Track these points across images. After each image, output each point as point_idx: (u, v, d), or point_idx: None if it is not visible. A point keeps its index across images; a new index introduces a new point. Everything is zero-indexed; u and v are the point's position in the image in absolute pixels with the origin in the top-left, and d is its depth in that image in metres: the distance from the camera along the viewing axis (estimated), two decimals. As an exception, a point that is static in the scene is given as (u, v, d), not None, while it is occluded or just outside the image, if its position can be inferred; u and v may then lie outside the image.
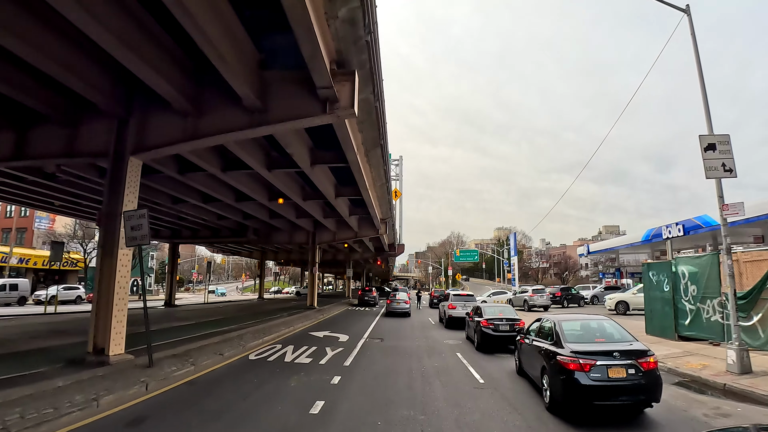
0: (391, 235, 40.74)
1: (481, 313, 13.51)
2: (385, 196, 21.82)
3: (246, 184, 16.85)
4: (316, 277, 28.99)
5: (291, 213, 23.36)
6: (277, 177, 15.47)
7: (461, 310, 18.97)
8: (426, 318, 24.97)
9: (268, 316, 21.70)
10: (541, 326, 8.25)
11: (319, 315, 23.84)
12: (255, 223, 27.20)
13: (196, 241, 32.22)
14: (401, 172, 49.31)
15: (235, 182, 15.98)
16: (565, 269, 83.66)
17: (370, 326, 19.32)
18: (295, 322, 19.40)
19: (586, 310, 29.08)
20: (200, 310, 28.42)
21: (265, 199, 19.11)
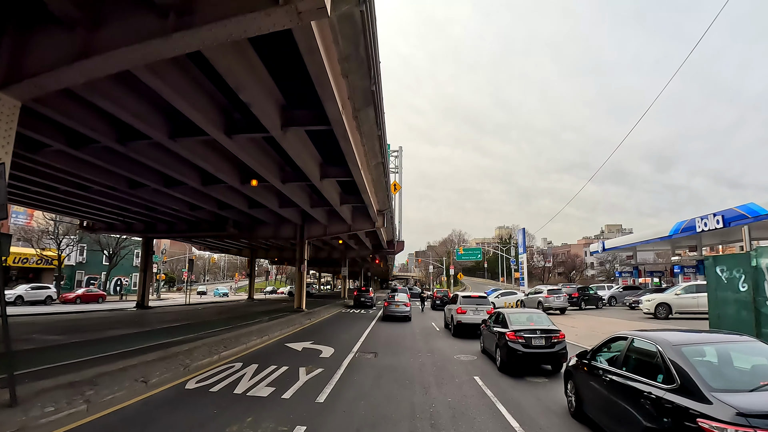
0: (389, 230, 37.44)
1: (505, 321, 10.26)
2: (382, 181, 18.58)
3: (208, 159, 13.59)
4: (305, 276, 25.76)
5: (273, 201, 20.09)
6: (244, 148, 12.21)
7: (473, 316, 15.74)
8: (428, 323, 21.71)
9: (244, 321, 18.44)
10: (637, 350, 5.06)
11: (305, 319, 20.59)
12: (233, 214, 23.94)
13: (172, 236, 29.00)
14: (400, 164, 46.10)
15: (190, 154, 12.72)
16: (572, 268, 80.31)
17: (363, 334, 16.07)
18: (272, 329, 16.15)
19: (609, 313, 25.83)
20: (173, 312, 25.16)
21: (237, 181, 15.84)
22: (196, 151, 12.64)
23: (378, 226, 25.04)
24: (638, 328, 6.55)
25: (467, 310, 15.79)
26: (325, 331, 17.29)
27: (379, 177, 17.44)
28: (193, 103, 9.59)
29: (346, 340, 14.52)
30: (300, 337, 15.01)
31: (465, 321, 15.63)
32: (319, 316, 23.21)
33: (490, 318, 12.02)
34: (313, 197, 20.71)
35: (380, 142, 13.32)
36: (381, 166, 16.12)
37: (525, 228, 39.11)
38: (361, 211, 24.58)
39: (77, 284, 49.12)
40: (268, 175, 14.98)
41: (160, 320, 19.92)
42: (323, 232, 25.39)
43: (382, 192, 20.39)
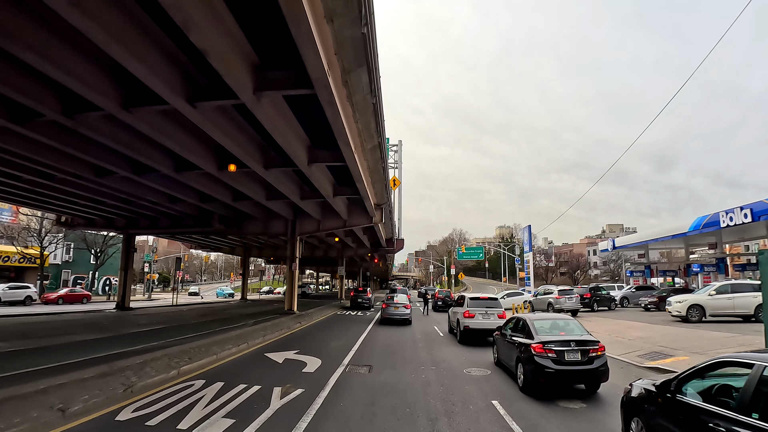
0: (388, 227, 35.51)
1: (528, 329, 8.33)
2: (380, 169, 16.64)
3: (175, 136, 11.66)
4: (297, 276, 23.81)
5: (259, 192, 18.14)
6: (213, 121, 10.27)
7: (482, 320, 13.82)
8: (430, 326, 19.77)
9: (225, 325, 16.54)
10: None
11: (294, 323, 18.65)
12: (218, 208, 21.99)
13: (155, 232, 27.07)
14: (400, 159, 44.11)
15: (152, 130, 10.77)
16: (577, 268, 78.36)
17: (357, 341, 14.14)
18: (254, 334, 14.22)
19: (625, 315, 23.90)
20: (153, 315, 23.21)
21: (213, 166, 13.91)
22: (157, 125, 10.69)
23: (376, 221, 23.10)
24: (681, 337, 4.58)
25: (475, 313, 13.85)
26: (315, 336, 15.35)
27: (376, 164, 15.52)
28: (144, 60, 7.67)
29: (336, 348, 12.58)
30: (285, 345, 13.07)
31: (473, 326, 13.70)
32: (310, 319, 21.26)
33: (507, 325, 10.08)
34: (303, 188, 18.76)
35: (376, 118, 11.38)
36: (378, 151, 14.19)
37: (530, 225, 37.20)
38: (357, 205, 22.64)
39: (63, 284, 47.17)
40: (248, 158, 13.04)
41: (132, 324, 17.99)
42: (316, 228, 23.45)
43: (379, 183, 18.46)
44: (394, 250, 42.83)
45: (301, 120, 12.25)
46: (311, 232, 23.64)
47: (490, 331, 13.93)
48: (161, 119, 10.68)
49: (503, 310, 14.24)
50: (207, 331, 14.49)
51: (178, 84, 8.80)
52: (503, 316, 14.07)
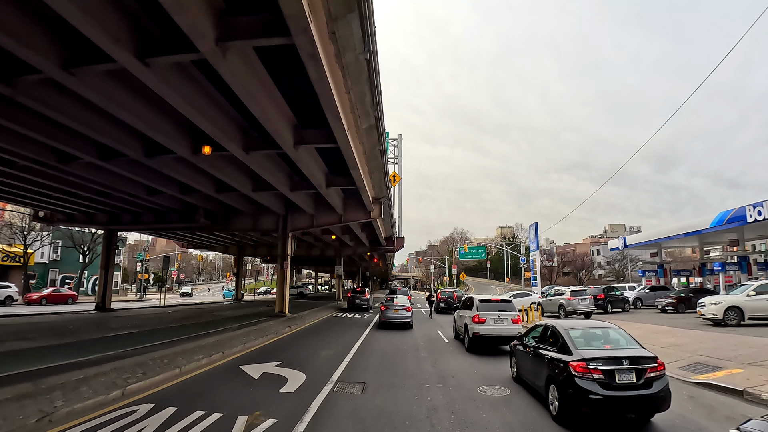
0: (387, 224, 33.76)
1: (563, 341, 6.58)
2: (377, 156, 14.87)
3: (133, 108, 9.90)
4: (288, 275, 22.04)
5: (244, 182, 16.40)
6: (172, 86, 8.53)
7: (494, 326, 12.06)
8: (433, 331, 18.01)
9: (205, 330, 14.80)
10: None
11: (283, 327, 16.89)
12: (202, 201, 20.24)
13: (138, 228, 25.32)
14: (400, 154, 42.30)
15: (104, 100, 9.03)
16: (581, 268, 76.53)
17: (351, 349, 12.38)
18: (234, 341, 12.47)
19: (644, 317, 22.09)
20: (131, 317, 21.45)
21: (186, 149, 12.18)
22: (110, 93, 8.94)
23: (374, 217, 21.34)
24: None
25: (486, 318, 12.08)
26: (304, 343, 13.59)
27: (373, 149, 13.76)
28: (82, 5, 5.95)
29: (326, 358, 10.83)
30: (267, 354, 11.32)
31: (484, 333, 11.93)
32: (302, 323, 19.50)
33: (529, 333, 8.33)
34: (293, 179, 17.02)
35: (372, 88, 9.63)
36: (375, 133, 12.44)
37: (537, 223, 35.37)
38: (353, 198, 20.88)
39: (51, 283, 45.43)
40: (225, 139, 11.29)
41: (102, 327, 16.23)
42: (309, 224, 21.69)
43: (377, 173, 16.71)
44: (394, 249, 41.07)
45: (285, 93, 10.49)
46: (304, 228, 21.88)
47: (503, 339, 12.22)
48: (113, 85, 8.92)
49: (517, 314, 12.49)
50: (180, 338, 12.73)
51: (125, 35, 7.05)
52: (518, 321, 12.34)
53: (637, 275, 75.23)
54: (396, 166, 41.83)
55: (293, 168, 15.85)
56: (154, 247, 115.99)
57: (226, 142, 11.53)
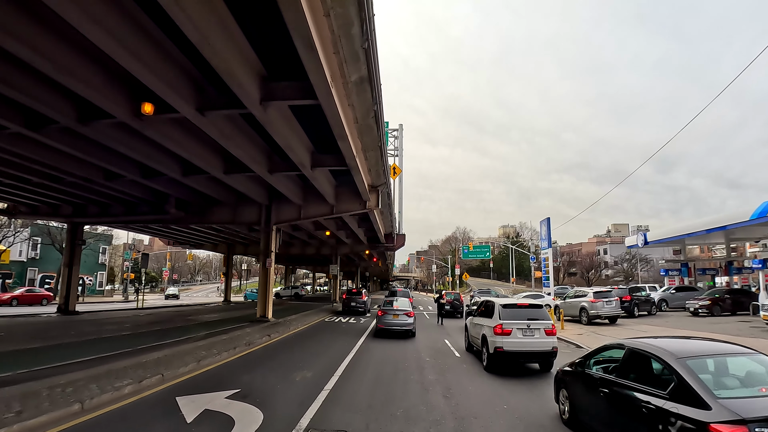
0: (387, 220, 31.00)
1: (683, 383, 3.77)
2: (371, 125, 12.02)
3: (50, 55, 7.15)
4: (272, 275, 19.25)
5: (212, 161, 13.64)
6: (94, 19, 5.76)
7: (523, 338, 9.29)
8: (440, 340, 15.23)
9: (161, 340, 12.03)
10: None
11: (261, 336, 14.11)
12: (172, 189, 17.50)
13: (107, 221, 22.57)
14: (401, 145, 39.49)
15: None
16: (590, 268, 73.63)
17: (336, 370, 9.58)
18: (186, 357, 9.70)
19: (679, 322, 19.17)
20: (90, 322, 18.66)
21: (125, 109, 9.42)
22: None
23: (371, 207, 18.55)
24: None
25: (512, 328, 9.28)
26: (278, 360, 10.79)
27: (367, 115, 10.97)
28: None
29: (300, 386, 8.04)
30: (222, 378, 8.55)
31: (510, 348, 9.14)
32: (286, 329, 16.71)
33: (598, 358, 5.55)
34: (272, 158, 14.25)
35: (361, 13, 6.86)
36: (368, 90, 9.65)
37: (549, 218, 32.56)
38: (346, 185, 18.13)
39: (29, 283, 42.72)
40: (170, 92, 8.56)
41: (36, 336, 13.42)
42: (297, 215, 18.90)
43: (373, 151, 13.91)
44: (395, 247, 38.28)
45: (246, 29, 7.74)
46: (290, 220, 19.09)
47: (534, 356, 9.45)
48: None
49: (551, 322, 9.68)
50: (118, 352, 9.96)
51: None
52: (553, 332, 9.55)
53: (645, 275, 72.51)
54: (396, 159, 39.05)
55: (271, 144, 13.08)
56: (151, 247, 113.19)
57: (173, 98, 8.78)
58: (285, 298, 53.40)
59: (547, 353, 9.39)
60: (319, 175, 15.28)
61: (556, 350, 9.45)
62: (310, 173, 13.85)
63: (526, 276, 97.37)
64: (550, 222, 32.66)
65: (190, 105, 9.16)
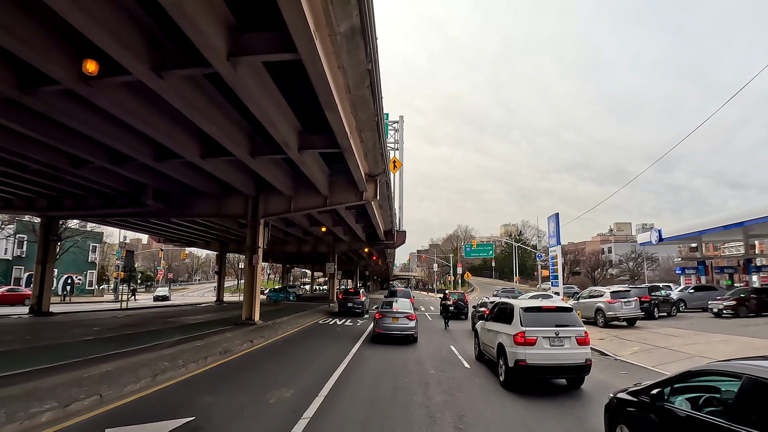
0: (387, 215, 29.30)
1: None
2: (367, 98, 10.26)
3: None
4: (259, 274, 17.51)
5: (186, 144, 11.96)
6: None
7: (550, 349, 7.59)
8: (445, 345, 13.55)
9: (122, 348, 10.34)
10: None
11: (242, 342, 12.42)
12: (150, 178, 15.82)
13: (83, 214, 20.87)
14: (401, 138, 37.75)
15: None
16: (596, 266, 71.89)
17: (322, 388, 7.88)
18: (140, 371, 8.01)
19: (708, 325, 17.38)
20: (59, 324, 16.97)
21: (69, 72, 7.73)
22: None
23: (368, 198, 16.83)
24: None
25: (537, 337, 7.58)
26: (254, 373, 9.08)
27: (361, 82, 9.26)
28: None
29: (275, 411, 6.35)
30: (181, 398, 6.86)
31: (535, 361, 7.44)
32: (274, 334, 15.01)
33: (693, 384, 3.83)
34: (255, 139, 12.52)
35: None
36: (361, 44, 7.92)
37: (558, 214, 30.86)
38: (341, 174, 16.44)
39: (15, 281, 41.10)
40: (116, 47, 6.86)
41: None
42: (287, 207, 17.19)
43: (370, 131, 12.19)
44: (395, 244, 36.56)
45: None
46: (280, 213, 17.37)
47: (564, 369, 7.76)
48: None
49: (584, 329, 7.97)
50: (59, 363, 8.28)
51: None
52: (586, 341, 7.85)
53: (651, 274, 70.74)
54: (397, 152, 37.32)
55: (253, 122, 11.39)
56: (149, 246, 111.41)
57: (123, 55, 7.09)
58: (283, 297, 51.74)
59: (580, 367, 7.68)
60: (309, 160, 13.57)
61: (590, 363, 7.75)
62: (297, 156, 12.12)
63: (529, 275, 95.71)
64: (558, 218, 31.00)
65: (144, 63, 7.46)
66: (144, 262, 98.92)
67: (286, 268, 67.32)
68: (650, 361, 10.93)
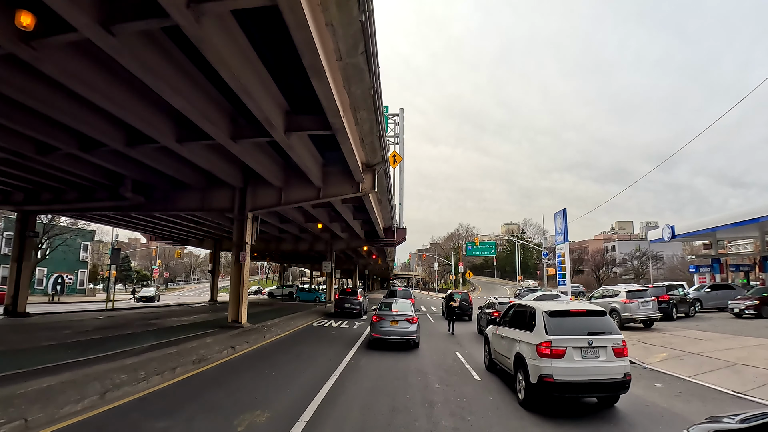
0: (386, 210, 27.95)
1: None
2: (362, 67, 8.90)
3: None
4: (246, 272, 16.18)
5: (158, 125, 10.60)
6: None
7: (581, 362, 6.24)
8: (450, 352, 12.20)
9: (79, 357, 9.00)
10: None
11: (222, 348, 11.08)
12: (126, 168, 14.46)
13: (61, 208, 19.46)
14: (402, 131, 36.37)
15: None
16: (601, 265, 70.53)
17: (305, 411, 6.53)
18: (89, 385, 6.68)
19: (733, 325, 15.99)
20: (27, 327, 15.59)
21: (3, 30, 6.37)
22: None
23: (365, 190, 15.47)
24: None
25: (567, 348, 6.23)
26: (229, 387, 7.73)
27: (354, 47, 7.89)
28: None
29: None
30: (130, 424, 5.51)
31: (565, 377, 6.08)
32: (261, 338, 13.65)
33: None
34: (237, 121, 11.16)
35: None
36: (354, 7, 6.61)
37: (565, 209, 29.53)
38: (335, 164, 15.09)
39: (2, 280, 39.75)
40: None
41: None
42: (276, 200, 15.83)
43: (366, 111, 10.81)
44: (395, 242, 35.22)
45: None
46: (269, 206, 16.01)
47: (599, 387, 6.41)
48: None
49: (622, 338, 6.61)
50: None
51: None
52: (624, 352, 6.50)
53: (655, 273, 69.33)
54: (397, 146, 35.96)
55: (233, 100, 10.04)
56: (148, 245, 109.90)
57: (62, 4, 5.74)
58: (278, 297, 50.41)
59: (617, 384, 6.34)
60: (299, 144, 12.20)
61: (629, 379, 6.41)
62: (283, 139, 10.75)
63: (531, 274, 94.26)
64: (566, 213, 29.67)
65: (88, 14, 6.10)
66: (141, 261, 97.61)
67: (284, 267, 65.88)
68: (685, 370, 9.60)
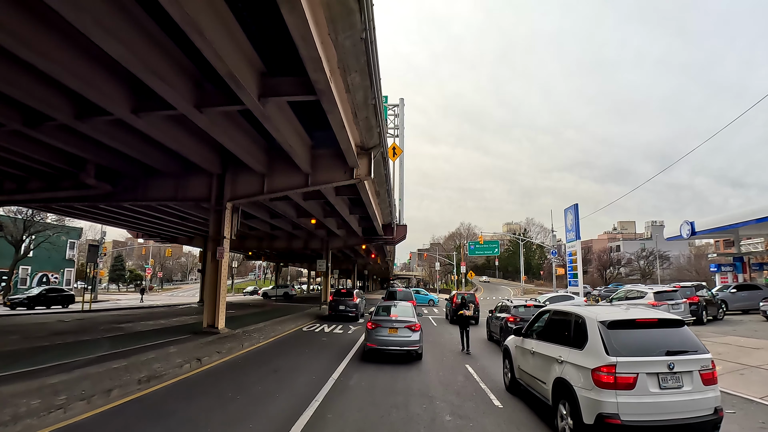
0: (385, 204, 26.02)
1: None
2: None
3: None
4: (225, 271, 14.22)
5: (102, 83, 8.69)
6: None
7: (661, 395, 4.26)
8: (460, 366, 10.28)
9: (4, 372, 7.11)
10: None
11: (185, 361, 9.17)
12: (87, 150, 12.54)
13: (22, 198, 17.43)
14: (402, 123, 34.47)
15: None
16: (608, 265, 68.56)
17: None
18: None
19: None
20: None
21: None
22: None
23: (360, 176, 13.55)
24: None
25: (638, 374, 4.31)
26: (170, 421, 5.82)
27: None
28: None
29: None
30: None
31: (637, 416, 4.14)
32: (238, 347, 11.71)
33: None
34: (203, 86, 9.25)
35: None
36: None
37: (577, 204, 27.61)
38: (326, 146, 13.19)
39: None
40: None
41: None
42: (259, 189, 13.91)
43: (358, 73, 8.90)
44: (395, 240, 33.29)
45: None
46: (251, 194, 14.07)
47: (684, 429, 4.44)
48: None
49: (711, 357, 4.70)
50: None
51: None
52: (714, 378, 4.58)
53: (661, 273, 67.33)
54: (397, 138, 34.04)
55: (198, 61, 8.14)
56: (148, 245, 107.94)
57: None
58: (273, 298, 48.52)
59: (707, 424, 4.43)
60: (278, 117, 10.28)
61: (722, 416, 4.50)
62: (256, 106, 8.81)
63: (534, 274, 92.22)
64: (578, 209, 27.78)
65: None
66: (138, 260, 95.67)
67: (279, 266, 64.00)
68: (754, 390, 7.68)
